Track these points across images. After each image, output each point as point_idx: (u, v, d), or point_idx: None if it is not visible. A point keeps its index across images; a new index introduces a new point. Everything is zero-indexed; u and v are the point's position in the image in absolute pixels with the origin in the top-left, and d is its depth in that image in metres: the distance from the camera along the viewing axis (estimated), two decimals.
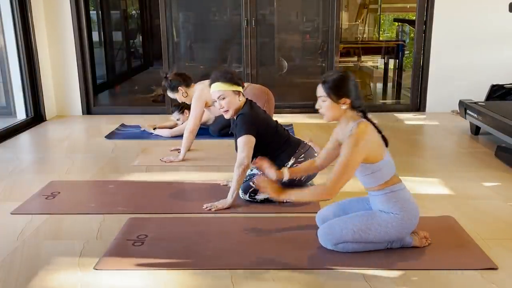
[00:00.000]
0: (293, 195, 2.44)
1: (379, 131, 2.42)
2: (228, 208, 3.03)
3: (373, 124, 2.41)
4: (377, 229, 2.41)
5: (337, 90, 2.35)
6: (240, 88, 3.06)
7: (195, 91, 4.04)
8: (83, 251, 2.57)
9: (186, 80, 4.14)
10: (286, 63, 6.36)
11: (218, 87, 3.03)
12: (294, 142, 3.25)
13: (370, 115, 2.43)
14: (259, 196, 3.10)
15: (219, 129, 4.69)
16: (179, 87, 4.08)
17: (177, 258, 2.48)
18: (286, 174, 2.63)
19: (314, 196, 2.40)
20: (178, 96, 4.13)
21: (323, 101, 2.39)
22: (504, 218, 2.91)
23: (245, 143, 3.00)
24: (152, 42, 8.61)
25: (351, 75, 2.41)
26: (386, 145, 2.43)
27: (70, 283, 2.27)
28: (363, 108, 2.41)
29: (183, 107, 4.73)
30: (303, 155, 3.13)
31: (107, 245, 2.62)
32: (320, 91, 2.39)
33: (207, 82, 4.05)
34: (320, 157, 2.67)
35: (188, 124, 4.01)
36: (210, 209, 3.04)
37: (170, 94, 4.22)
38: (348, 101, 2.35)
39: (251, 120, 3.02)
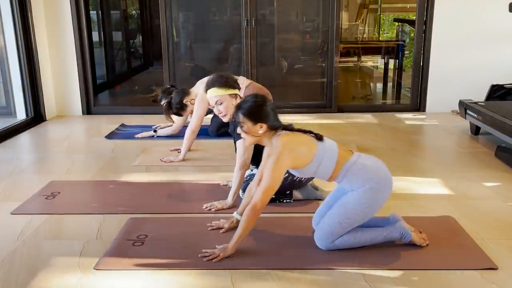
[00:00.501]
0: (236, 238, 2.43)
1: (308, 131, 2.48)
2: (228, 208, 3.03)
3: (297, 130, 2.47)
4: (357, 209, 2.42)
5: (252, 117, 2.40)
6: (236, 91, 3.05)
7: (198, 93, 4.03)
8: (83, 251, 2.57)
9: (183, 90, 4.15)
10: (286, 63, 6.36)
11: (215, 93, 3.01)
12: None
13: (291, 125, 2.49)
14: None
15: (216, 129, 4.69)
16: (184, 101, 4.08)
17: (177, 258, 2.48)
18: (238, 216, 2.69)
19: (249, 221, 2.38)
20: (190, 108, 4.10)
21: (241, 126, 2.43)
22: (504, 218, 2.91)
23: (241, 144, 3.00)
24: (152, 42, 8.59)
25: (266, 100, 2.45)
26: (320, 138, 2.46)
27: (70, 283, 2.27)
28: (283, 126, 2.46)
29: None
30: None
31: (107, 245, 2.62)
32: (237, 117, 2.44)
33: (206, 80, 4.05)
34: (257, 180, 2.64)
35: (191, 124, 4.01)
36: (210, 209, 3.04)
37: (184, 114, 4.19)
38: (264, 125, 2.40)
39: None
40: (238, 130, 2.48)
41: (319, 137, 2.46)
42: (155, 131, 4.83)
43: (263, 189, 2.35)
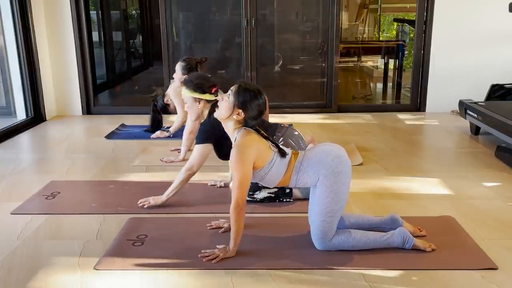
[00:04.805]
0: (233, 239, 2.44)
1: (274, 143, 2.49)
2: (159, 205, 3.06)
3: (265, 136, 2.47)
4: (329, 200, 2.41)
5: (242, 100, 2.40)
6: (203, 96, 3.09)
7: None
8: (83, 251, 2.57)
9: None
10: (281, 56, 6.33)
11: (183, 93, 3.16)
12: (270, 128, 3.18)
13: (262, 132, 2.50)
14: (259, 195, 3.11)
15: None
16: None
17: (177, 258, 2.48)
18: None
19: (237, 219, 2.38)
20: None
21: (227, 97, 2.43)
22: (504, 218, 2.91)
23: (198, 149, 3.07)
24: (152, 42, 8.60)
25: (262, 96, 2.45)
26: (283, 155, 2.44)
27: (70, 283, 2.27)
28: (255, 128, 2.47)
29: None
30: (281, 138, 3.12)
31: (107, 245, 2.62)
32: (234, 87, 2.45)
33: None
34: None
35: (187, 125, 4.01)
36: (143, 205, 3.06)
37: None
38: (242, 116, 2.41)
39: (206, 129, 3.09)
40: (219, 97, 2.49)
41: (282, 153, 2.44)
42: (168, 131, 4.81)
43: (236, 186, 2.35)
